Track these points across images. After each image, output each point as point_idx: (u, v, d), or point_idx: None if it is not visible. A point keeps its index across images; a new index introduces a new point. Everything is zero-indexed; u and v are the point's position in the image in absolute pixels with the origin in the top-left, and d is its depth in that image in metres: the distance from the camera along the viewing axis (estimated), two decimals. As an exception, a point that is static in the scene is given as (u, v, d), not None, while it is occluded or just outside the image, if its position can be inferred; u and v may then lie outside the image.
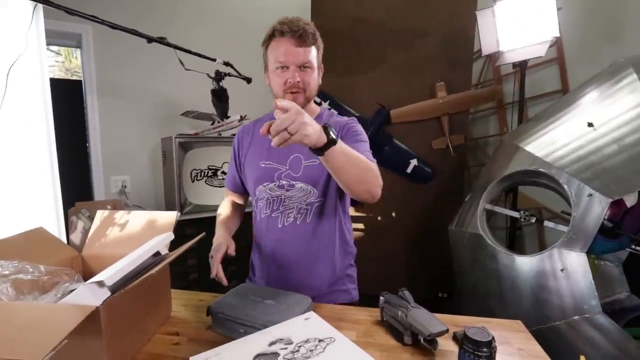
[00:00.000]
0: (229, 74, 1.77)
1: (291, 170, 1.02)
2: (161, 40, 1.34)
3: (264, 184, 1.04)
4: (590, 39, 2.19)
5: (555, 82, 2.34)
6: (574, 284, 1.22)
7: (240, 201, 1.23)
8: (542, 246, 2.39)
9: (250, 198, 1.16)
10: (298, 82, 0.95)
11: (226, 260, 0.95)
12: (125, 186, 2.24)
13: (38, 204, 1.32)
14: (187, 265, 1.91)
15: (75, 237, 1.89)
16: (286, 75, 0.96)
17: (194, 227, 1.89)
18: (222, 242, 0.97)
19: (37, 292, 0.75)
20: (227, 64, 1.69)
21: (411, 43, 2.25)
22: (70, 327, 0.57)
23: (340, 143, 0.79)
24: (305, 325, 0.62)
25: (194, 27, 2.38)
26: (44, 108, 1.30)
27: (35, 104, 1.28)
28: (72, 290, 0.76)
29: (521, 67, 1.93)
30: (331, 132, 0.76)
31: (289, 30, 0.92)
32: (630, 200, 1.32)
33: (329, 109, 1.13)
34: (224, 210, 1.16)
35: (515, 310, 1.37)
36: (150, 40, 1.32)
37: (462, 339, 0.66)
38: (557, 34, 1.73)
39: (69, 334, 0.56)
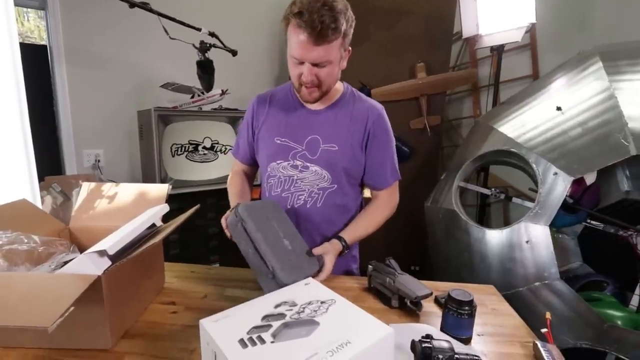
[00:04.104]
0: (214, 45, 1.71)
1: (307, 152, 0.99)
2: (144, 6, 1.27)
3: (278, 162, 1.01)
4: (561, 27, 2.30)
5: (527, 67, 2.45)
6: (537, 254, 1.34)
7: (250, 173, 1.19)
8: (507, 222, 2.57)
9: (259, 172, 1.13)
10: (313, 80, 0.90)
11: (207, 235, 0.95)
12: (98, 160, 2.15)
13: (11, 178, 1.26)
14: (168, 240, 1.89)
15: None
16: (301, 69, 0.89)
17: (176, 203, 1.84)
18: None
19: (28, 264, 0.74)
20: (212, 34, 1.63)
21: (393, 22, 2.26)
22: (76, 295, 0.58)
23: (352, 236, 1.01)
24: (306, 289, 0.66)
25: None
26: (14, 76, 1.22)
27: (4, 71, 1.20)
28: (65, 262, 0.75)
29: (498, 51, 2.00)
30: (345, 248, 0.98)
31: (305, 26, 0.81)
32: (589, 179, 1.45)
33: (351, 89, 1.07)
34: (235, 184, 1.11)
35: (484, 280, 1.48)
36: (132, 5, 1.25)
37: (446, 299, 0.73)
38: (534, 20, 1.80)
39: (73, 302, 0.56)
